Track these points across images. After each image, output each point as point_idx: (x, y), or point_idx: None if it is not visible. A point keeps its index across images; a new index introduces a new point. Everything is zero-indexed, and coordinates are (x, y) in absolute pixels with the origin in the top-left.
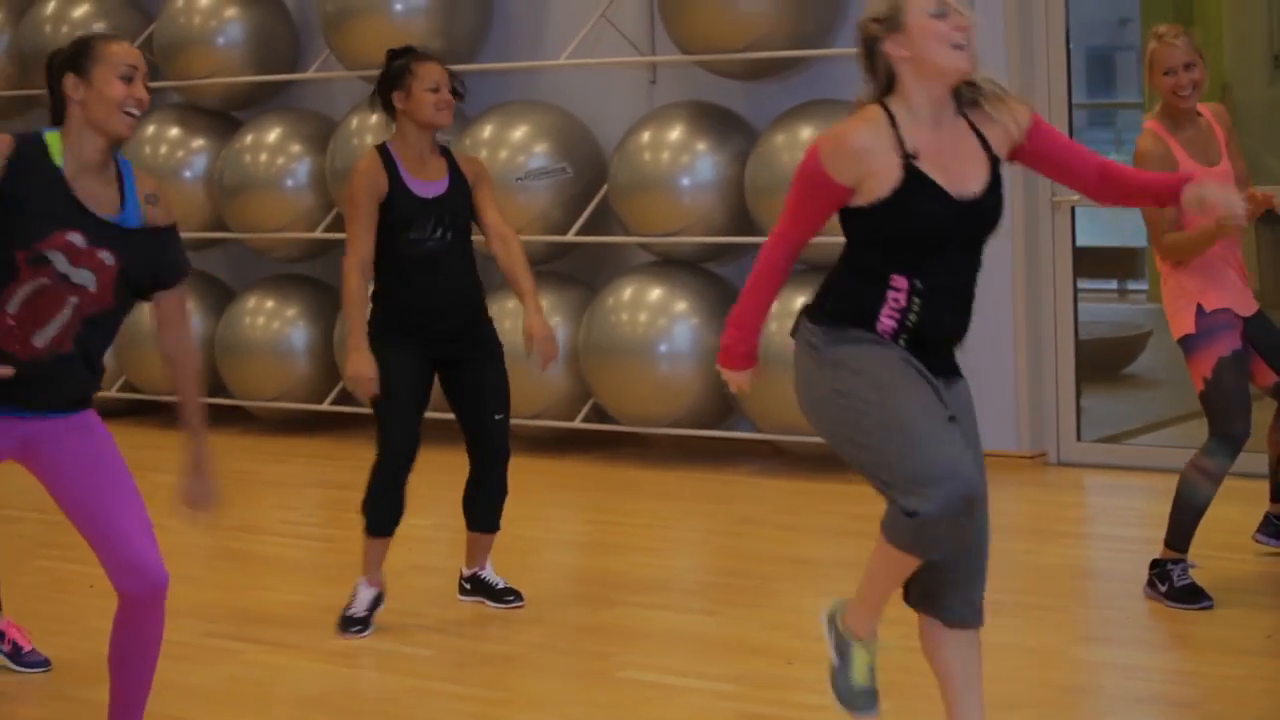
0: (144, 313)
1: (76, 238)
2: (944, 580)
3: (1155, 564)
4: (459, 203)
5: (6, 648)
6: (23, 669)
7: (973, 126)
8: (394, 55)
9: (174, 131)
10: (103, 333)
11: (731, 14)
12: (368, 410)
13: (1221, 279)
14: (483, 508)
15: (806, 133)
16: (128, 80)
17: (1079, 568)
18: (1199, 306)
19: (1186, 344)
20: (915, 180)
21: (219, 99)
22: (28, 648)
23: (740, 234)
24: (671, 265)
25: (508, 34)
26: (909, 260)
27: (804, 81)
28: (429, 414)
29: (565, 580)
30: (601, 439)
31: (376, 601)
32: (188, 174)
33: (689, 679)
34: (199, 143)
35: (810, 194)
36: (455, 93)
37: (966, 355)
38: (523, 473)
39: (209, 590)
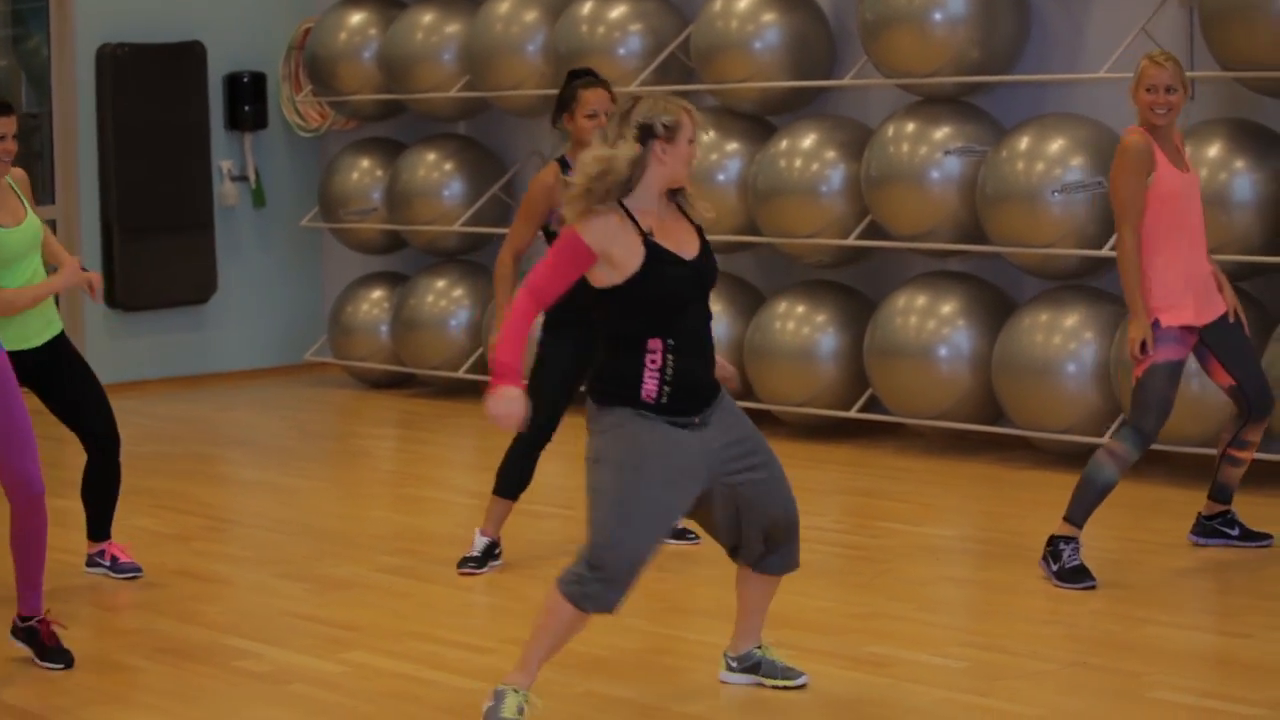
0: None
1: None
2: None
3: (1051, 540)
4: None
5: (106, 561)
6: (120, 575)
7: (681, 210)
8: (572, 76)
9: (709, 135)
10: None
11: (1277, 30)
12: (896, 419)
13: (1180, 301)
14: None
15: None
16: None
17: None
18: (1156, 321)
19: None
20: (655, 251)
21: (754, 103)
22: (124, 559)
23: (1278, 253)
24: None
25: (1045, 45)
26: (661, 322)
27: None
28: None
29: (1095, 597)
30: None
31: (490, 548)
32: (721, 177)
33: (1222, 702)
34: (733, 146)
35: (567, 260)
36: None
37: None
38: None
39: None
